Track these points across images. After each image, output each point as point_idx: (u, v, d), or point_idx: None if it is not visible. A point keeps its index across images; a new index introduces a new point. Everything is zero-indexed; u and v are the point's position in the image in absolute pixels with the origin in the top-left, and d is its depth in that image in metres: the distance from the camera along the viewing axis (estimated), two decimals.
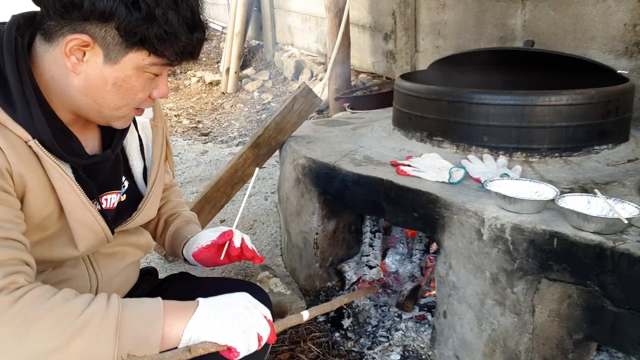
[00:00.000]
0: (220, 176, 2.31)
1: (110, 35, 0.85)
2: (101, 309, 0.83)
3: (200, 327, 0.89)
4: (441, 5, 3.44)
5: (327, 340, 1.82)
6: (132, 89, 0.93)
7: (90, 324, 0.81)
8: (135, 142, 1.13)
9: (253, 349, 0.92)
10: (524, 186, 1.47)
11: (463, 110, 1.83)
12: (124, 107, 0.95)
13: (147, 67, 0.91)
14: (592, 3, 2.51)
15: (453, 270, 1.53)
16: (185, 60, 0.93)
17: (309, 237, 2.08)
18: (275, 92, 5.80)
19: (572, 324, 1.28)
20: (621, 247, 1.17)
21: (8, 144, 0.84)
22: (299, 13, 5.75)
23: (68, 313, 0.80)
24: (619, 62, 2.44)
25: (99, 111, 0.94)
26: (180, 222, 1.31)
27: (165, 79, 0.98)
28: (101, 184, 1.03)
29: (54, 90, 0.91)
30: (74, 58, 0.87)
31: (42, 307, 0.79)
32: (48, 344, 0.78)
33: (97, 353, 0.81)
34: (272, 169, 3.71)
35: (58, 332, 0.78)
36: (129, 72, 0.90)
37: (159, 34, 0.86)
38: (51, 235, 0.96)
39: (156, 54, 0.89)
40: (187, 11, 0.88)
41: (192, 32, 0.90)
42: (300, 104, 2.18)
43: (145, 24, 0.84)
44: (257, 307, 0.96)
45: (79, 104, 0.93)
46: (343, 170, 1.83)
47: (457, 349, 1.57)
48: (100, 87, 0.90)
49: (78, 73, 0.88)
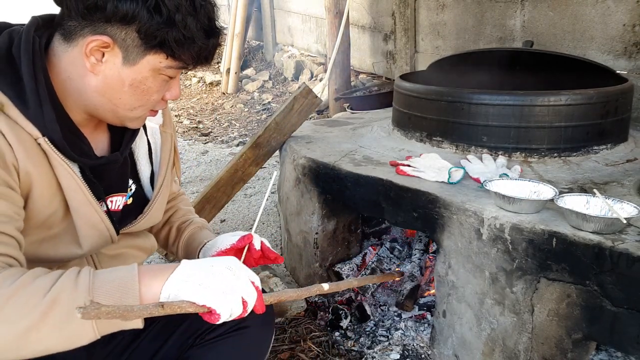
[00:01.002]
0: (220, 176, 2.31)
1: (130, 38, 0.88)
2: (70, 282, 0.81)
3: (179, 285, 0.84)
4: (440, 5, 3.45)
5: (327, 339, 1.82)
6: (148, 90, 0.95)
7: (59, 297, 0.78)
8: (144, 147, 1.14)
9: (236, 313, 0.87)
10: (523, 186, 1.48)
11: (462, 111, 1.84)
12: (138, 107, 0.97)
13: (164, 70, 0.93)
14: (591, 4, 2.51)
15: (452, 270, 1.54)
16: (201, 64, 0.96)
17: (309, 236, 2.08)
18: (275, 92, 5.81)
19: (571, 323, 1.28)
20: (620, 246, 1.18)
21: (18, 140, 0.86)
22: (299, 14, 5.75)
23: (36, 290, 0.79)
24: (618, 63, 2.44)
25: (115, 111, 0.96)
26: (193, 228, 1.31)
27: (178, 82, 1.00)
28: (108, 186, 1.04)
29: (70, 91, 0.93)
30: (93, 58, 0.89)
31: (10, 288, 0.77)
32: (21, 323, 0.76)
33: (74, 325, 0.79)
34: (272, 169, 3.72)
35: (28, 310, 0.77)
36: (145, 74, 0.92)
37: (178, 38, 0.88)
38: (56, 234, 0.96)
39: (174, 57, 0.91)
40: (204, 17, 0.91)
41: (209, 38, 0.93)
42: (300, 104, 2.18)
43: (166, 28, 0.87)
44: (243, 271, 0.91)
45: (94, 104, 0.94)
46: (343, 170, 1.84)
47: (456, 348, 1.58)
48: (117, 88, 0.92)
49: (96, 73, 0.90)
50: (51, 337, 0.79)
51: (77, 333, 0.80)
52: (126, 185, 1.09)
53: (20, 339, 0.77)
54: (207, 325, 1.08)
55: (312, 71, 5.46)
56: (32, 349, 0.79)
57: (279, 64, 6.20)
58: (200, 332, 1.09)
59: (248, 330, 1.10)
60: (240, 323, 1.09)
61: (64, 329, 0.79)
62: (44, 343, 0.79)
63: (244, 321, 1.08)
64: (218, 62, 6.74)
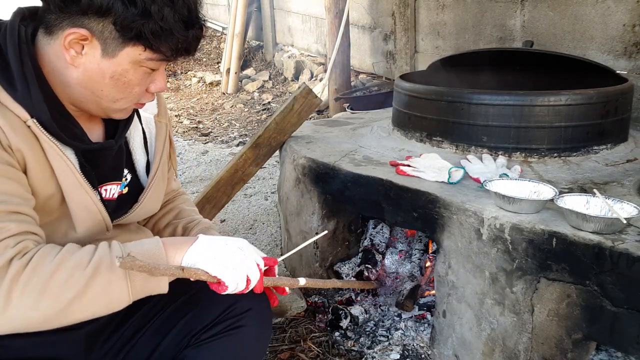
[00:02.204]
0: (220, 176, 2.31)
1: (108, 30, 0.88)
2: (106, 254, 0.89)
3: (197, 256, 0.96)
4: (440, 6, 3.45)
5: (327, 339, 1.82)
6: (129, 82, 0.95)
7: (100, 268, 0.87)
8: (139, 136, 1.14)
9: (240, 287, 0.97)
10: (523, 186, 1.48)
11: (462, 111, 1.84)
12: (121, 99, 0.98)
13: (144, 62, 0.93)
14: (591, 4, 2.51)
15: (452, 270, 1.54)
16: (181, 56, 0.95)
17: (309, 237, 2.08)
18: (275, 92, 5.81)
19: (571, 323, 1.28)
20: (620, 246, 1.18)
21: (8, 123, 0.88)
22: (299, 14, 5.75)
23: (77, 264, 0.86)
24: (617, 63, 2.44)
25: (98, 103, 0.97)
26: (201, 228, 1.31)
27: (162, 74, 1.00)
28: (102, 174, 1.04)
29: (56, 82, 0.95)
30: (72, 51, 0.90)
31: (52, 264, 0.85)
32: (66, 295, 0.84)
33: (113, 293, 0.88)
34: (272, 169, 3.71)
35: (72, 283, 0.85)
36: (125, 66, 0.92)
37: (154, 30, 0.88)
38: (56, 219, 0.98)
39: (152, 49, 0.91)
40: (183, 8, 0.90)
41: (188, 29, 0.92)
42: (300, 104, 2.18)
43: (141, 20, 0.87)
44: (252, 252, 1.01)
45: (78, 96, 0.96)
46: (343, 170, 1.84)
47: (456, 348, 1.58)
48: (98, 80, 0.93)
49: (77, 66, 0.91)
50: (92, 305, 0.87)
51: (116, 298, 0.89)
52: (121, 174, 1.10)
53: (65, 309, 0.85)
54: (202, 324, 1.09)
55: (312, 71, 5.46)
56: (75, 317, 0.87)
57: (279, 64, 6.20)
58: (195, 331, 1.09)
59: (243, 329, 1.09)
60: (236, 322, 1.09)
61: (104, 296, 0.87)
62: (86, 310, 0.87)
63: (239, 320, 1.09)
64: (218, 62, 6.74)
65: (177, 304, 1.13)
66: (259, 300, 1.13)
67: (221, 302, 1.10)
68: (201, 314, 1.11)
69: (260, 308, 1.13)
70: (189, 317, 1.11)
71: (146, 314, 1.12)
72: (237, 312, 1.10)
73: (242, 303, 1.11)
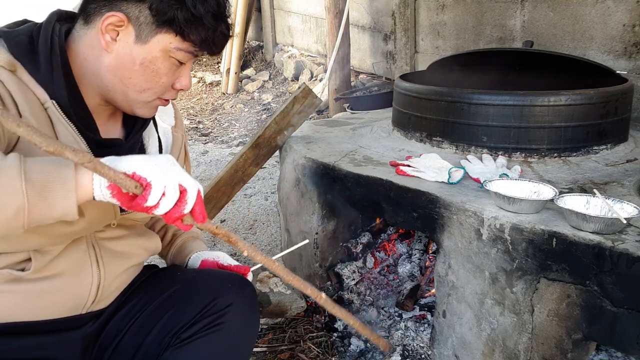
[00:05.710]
0: (220, 176, 2.31)
1: (144, 15, 0.95)
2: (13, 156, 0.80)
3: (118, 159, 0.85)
4: (440, 6, 3.45)
5: (327, 339, 1.82)
6: (157, 71, 0.99)
7: None
8: (155, 144, 1.17)
9: (171, 196, 0.84)
10: (523, 186, 1.48)
11: (462, 111, 1.84)
12: (148, 90, 1.01)
13: (173, 52, 0.98)
14: (591, 4, 2.51)
15: (452, 270, 1.54)
16: (208, 49, 1.00)
17: (309, 237, 2.08)
18: (275, 92, 5.80)
19: (571, 323, 1.28)
20: (620, 247, 1.18)
21: (25, 101, 0.91)
22: (299, 14, 5.75)
23: None
24: (617, 63, 2.44)
25: (125, 93, 1.00)
26: (187, 237, 1.34)
27: (188, 71, 1.04)
28: None
29: (86, 73, 0.99)
30: (108, 36, 0.96)
31: None
32: None
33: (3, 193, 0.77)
34: (272, 169, 3.71)
35: None
36: (156, 54, 0.97)
37: (187, 16, 0.94)
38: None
39: (182, 37, 0.96)
40: (213, 3, 0.98)
41: (217, 21, 0.98)
42: (300, 104, 2.18)
43: (176, 5, 0.94)
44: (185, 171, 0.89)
45: (106, 85, 0.99)
46: (343, 170, 1.84)
47: (456, 349, 1.58)
48: (128, 67, 0.97)
49: (110, 52, 0.96)
50: None
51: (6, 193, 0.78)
52: None
53: None
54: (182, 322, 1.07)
55: (312, 71, 5.46)
56: None
57: (279, 64, 6.20)
58: (175, 330, 1.08)
59: (226, 326, 1.07)
60: (217, 319, 1.07)
61: None
62: None
63: (221, 317, 1.07)
64: (218, 62, 6.74)
65: (155, 302, 1.12)
66: (241, 294, 1.11)
67: (201, 298, 1.09)
68: (180, 311, 1.09)
69: (242, 302, 1.11)
70: (168, 315, 1.09)
71: (125, 315, 1.12)
72: (218, 307, 1.08)
73: (223, 298, 1.09)
